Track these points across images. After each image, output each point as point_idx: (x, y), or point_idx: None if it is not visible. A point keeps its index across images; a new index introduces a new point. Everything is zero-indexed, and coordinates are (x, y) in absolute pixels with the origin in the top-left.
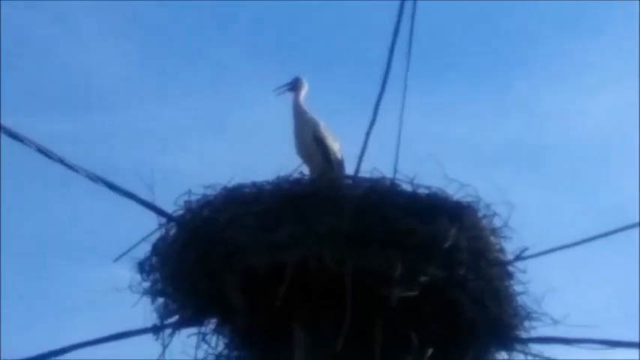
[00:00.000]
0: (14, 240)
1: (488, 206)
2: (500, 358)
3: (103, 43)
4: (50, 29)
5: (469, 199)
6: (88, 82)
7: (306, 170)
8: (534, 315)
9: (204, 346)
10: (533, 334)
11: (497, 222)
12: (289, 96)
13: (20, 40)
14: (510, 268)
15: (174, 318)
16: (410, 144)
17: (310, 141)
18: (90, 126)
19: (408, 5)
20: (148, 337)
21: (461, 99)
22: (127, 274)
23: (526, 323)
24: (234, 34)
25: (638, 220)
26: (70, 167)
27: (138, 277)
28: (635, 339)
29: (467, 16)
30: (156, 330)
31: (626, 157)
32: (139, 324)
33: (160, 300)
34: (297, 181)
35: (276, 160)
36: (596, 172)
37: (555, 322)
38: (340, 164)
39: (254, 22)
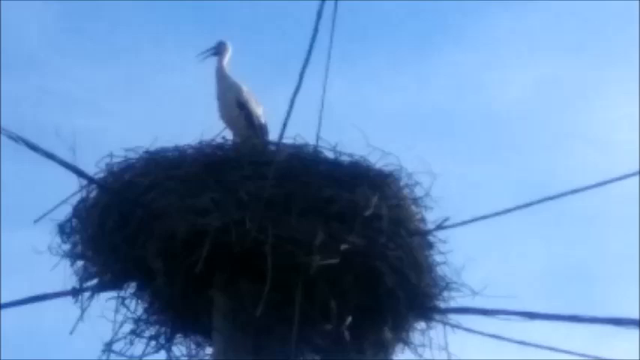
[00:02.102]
0: None
1: (410, 175)
2: (418, 327)
3: (20, 5)
4: None
5: (391, 167)
6: (6, 42)
7: (229, 135)
8: (453, 285)
9: (124, 310)
10: (452, 304)
11: (418, 191)
12: (212, 60)
13: None
14: (431, 238)
15: (94, 281)
16: (334, 112)
17: (233, 105)
18: (8, 87)
19: None
20: (67, 300)
21: (384, 68)
22: (46, 236)
23: (445, 293)
24: None
25: (557, 192)
26: None
27: (58, 239)
28: (552, 311)
29: None
30: (75, 293)
31: (546, 131)
32: (58, 287)
33: (80, 263)
34: (220, 146)
35: (199, 125)
36: (517, 144)
37: (474, 292)
38: (263, 128)
39: None
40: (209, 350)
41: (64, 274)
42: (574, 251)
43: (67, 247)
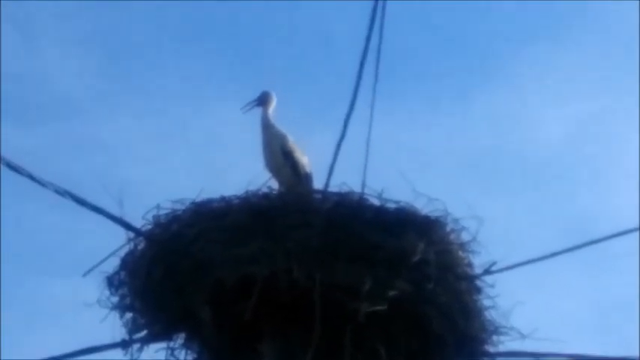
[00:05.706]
0: None
1: (456, 220)
2: None
3: (62, 52)
4: (8, 36)
5: (437, 213)
6: (48, 91)
7: (274, 184)
8: (502, 329)
9: None
10: (501, 348)
11: (465, 236)
12: (257, 109)
13: None
14: (478, 283)
15: (143, 333)
16: (377, 158)
17: (279, 154)
18: (51, 137)
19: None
20: (117, 352)
21: (424, 112)
22: (95, 288)
23: (494, 337)
24: (197, 44)
25: (609, 234)
26: (39, 182)
27: (106, 291)
28: (601, 353)
29: (428, 27)
30: (124, 345)
31: (588, 169)
32: (108, 339)
33: (129, 315)
34: (266, 196)
35: (244, 173)
36: (559, 183)
37: (523, 336)
38: (309, 178)
39: (219, 34)
40: None
41: (113, 325)
42: (623, 291)
43: (115, 299)
